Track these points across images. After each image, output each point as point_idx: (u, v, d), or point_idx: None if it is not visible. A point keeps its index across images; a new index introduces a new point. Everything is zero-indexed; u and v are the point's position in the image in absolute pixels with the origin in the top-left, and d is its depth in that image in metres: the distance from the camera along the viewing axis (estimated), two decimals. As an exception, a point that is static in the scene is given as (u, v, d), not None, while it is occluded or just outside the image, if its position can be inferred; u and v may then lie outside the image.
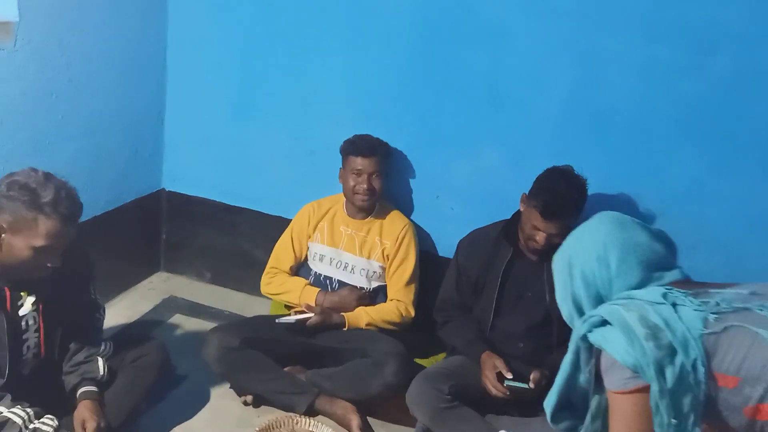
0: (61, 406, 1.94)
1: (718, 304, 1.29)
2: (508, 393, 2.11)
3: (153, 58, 2.88)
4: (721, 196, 2.35)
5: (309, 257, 2.62)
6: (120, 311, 2.87)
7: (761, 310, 1.27)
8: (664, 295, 1.31)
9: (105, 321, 2.18)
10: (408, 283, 2.53)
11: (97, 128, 2.65)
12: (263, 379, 2.33)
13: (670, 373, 1.23)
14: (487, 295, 2.31)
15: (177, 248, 3.22)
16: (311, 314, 2.41)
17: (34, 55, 2.27)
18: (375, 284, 2.57)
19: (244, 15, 2.77)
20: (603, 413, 1.46)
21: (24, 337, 1.87)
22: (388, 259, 2.54)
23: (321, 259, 2.58)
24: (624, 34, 2.31)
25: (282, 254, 2.63)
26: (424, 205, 2.75)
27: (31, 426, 1.75)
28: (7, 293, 1.81)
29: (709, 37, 2.22)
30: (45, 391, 1.96)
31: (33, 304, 1.85)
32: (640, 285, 1.38)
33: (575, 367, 1.44)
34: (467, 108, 2.57)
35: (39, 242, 1.70)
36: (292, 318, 2.42)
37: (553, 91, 2.45)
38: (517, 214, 2.31)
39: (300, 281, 2.57)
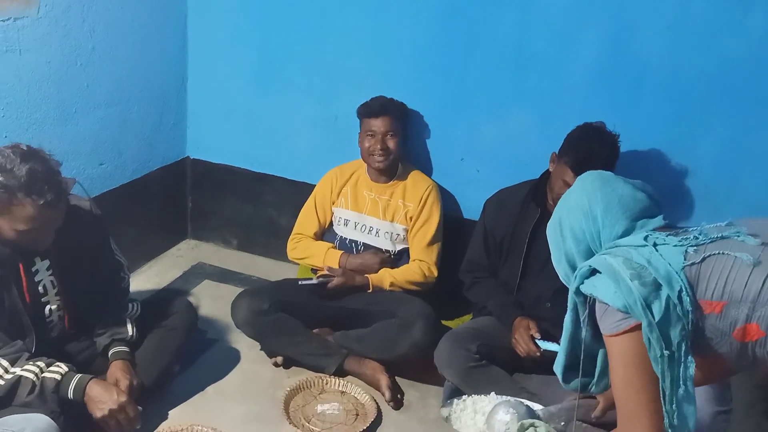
0: (98, 366, 2.00)
1: (696, 237, 1.35)
2: (539, 354, 2.11)
3: (174, 26, 2.87)
4: (754, 156, 2.29)
5: (333, 222, 2.63)
6: (149, 278, 2.91)
7: (738, 236, 1.33)
8: (646, 238, 1.36)
9: (135, 287, 2.21)
10: (430, 243, 2.52)
11: (122, 97, 2.66)
12: (293, 342, 2.36)
13: (657, 308, 1.28)
14: (514, 257, 2.30)
15: (203, 216, 3.24)
16: (334, 276, 2.43)
17: (58, 23, 2.27)
18: (400, 247, 2.58)
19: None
20: None
21: (44, 299, 1.90)
22: (411, 221, 2.54)
23: (345, 224, 2.59)
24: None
25: (306, 220, 2.64)
26: (449, 167, 2.73)
27: (41, 377, 1.77)
28: (20, 265, 1.83)
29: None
30: (78, 353, 2.02)
31: (48, 269, 1.88)
32: (626, 234, 1.43)
33: (576, 324, 1.48)
34: (493, 69, 2.53)
35: (21, 226, 1.69)
36: (314, 280, 2.45)
37: (582, 50, 2.39)
38: (546, 175, 2.28)
39: (324, 245, 2.58)
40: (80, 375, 1.83)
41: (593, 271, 1.40)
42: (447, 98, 2.64)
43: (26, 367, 1.77)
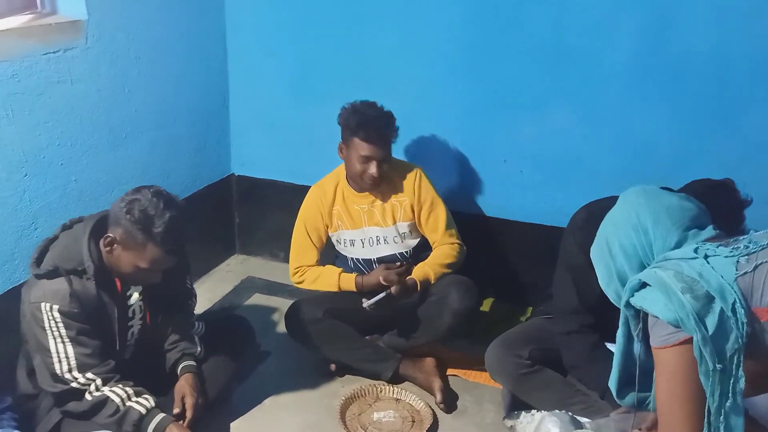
0: (159, 386, 2.04)
1: (747, 246, 1.33)
2: None
3: (213, 46, 2.94)
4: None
5: (337, 244, 2.52)
6: (202, 294, 2.96)
7: None
8: (696, 250, 1.35)
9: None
10: (447, 225, 2.44)
11: (168, 119, 2.74)
12: (348, 348, 2.38)
13: (710, 321, 1.26)
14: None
15: (250, 231, 3.30)
16: (389, 287, 2.33)
17: (105, 51, 2.35)
18: (412, 242, 2.48)
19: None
20: None
21: (129, 324, 1.98)
22: (414, 212, 2.45)
23: (352, 244, 2.48)
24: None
25: (302, 252, 2.50)
26: (492, 169, 2.72)
27: (128, 404, 1.85)
28: (118, 284, 1.92)
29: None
30: (144, 373, 2.07)
31: (140, 294, 1.96)
32: (678, 245, 1.42)
33: (628, 339, 1.47)
34: (530, 66, 2.51)
35: (143, 264, 1.81)
36: (380, 295, 2.31)
37: (621, 39, 2.36)
38: None
39: (334, 270, 2.46)
40: (163, 415, 1.89)
41: (643, 285, 1.38)
42: (484, 99, 2.63)
43: (115, 389, 1.85)
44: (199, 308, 2.73)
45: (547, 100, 2.53)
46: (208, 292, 3.01)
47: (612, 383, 1.55)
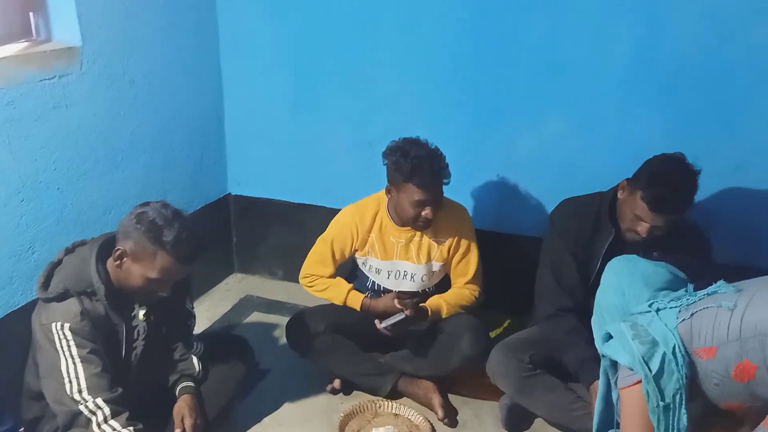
0: (159, 407, 2.05)
1: (688, 298, 1.57)
2: None
3: (208, 67, 2.97)
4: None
5: (362, 265, 2.48)
6: (201, 314, 2.97)
7: (724, 290, 1.54)
8: (651, 305, 1.58)
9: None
10: (475, 271, 2.43)
11: (164, 140, 2.76)
12: (348, 362, 2.38)
13: (654, 363, 1.48)
14: (583, 278, 2.15)
15: (248, 249, 3.32)
16: (403, 311, 2.28)
17: (100, 76, 2.38)
18: (437, 279, 2.46)
19: (293, 14, 2.81)
20: None
21: (134, 345, 1.99)
22: (449, 254, 2.40)
23: (378, 272, 2.45)
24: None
25: (320, 264, 2.47)
26: (487, 182, 2.74)
27: None
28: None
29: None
30: (145, 394, 2.07)
31: (144, 315, 1.96)
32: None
33: (607, 386, 1.69)
34: (526, 79, 2.53)
35: (153, 275, 1.82)
36: (399, 316, 2.28)
37: (614, 51, 2.39)
38: (614, 192, 2.13)
39: (344, 285, 2.44)
40: None
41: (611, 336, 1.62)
42: (481, 112, 2.65)
43: (122, 429, 1.81)
44: (198, 328, 2.73)
45: (542, 112, 2.55)
46: (207, 311, 3.02)
47: (594, 426, 1.75)
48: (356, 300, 2.41)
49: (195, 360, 2.12)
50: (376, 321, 2.32)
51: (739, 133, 2.32)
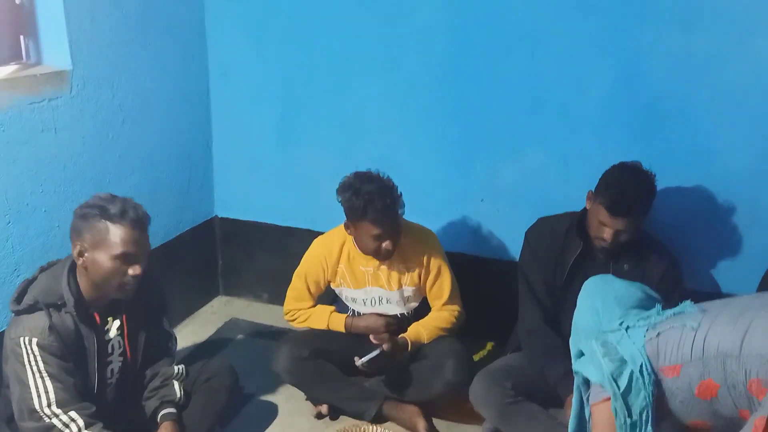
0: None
1: (655, 317, 1.60)
2: None
3: (197, 91, 3.00)
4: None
5: (339, 294, 2.51)
6: (184, 337, 2.97)
7: (690, 309, 1.57)
8: (621, 323, 1.61)
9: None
10: (451, 292, 2.44)
11: (152, 163, 2.78)
12: (333, 387, 2.39)
13: (622, 380, 1.52)
14: (552, 291, 2.25)
15: (233, 272, 3.32)
16: (380, 345, 2.30)
17: (89, 100, 2.41)
18: (415, 304, 2.48)
19: (281, 46, 2.86)
20: None
21: (109, 359, 1.97)
22: (420, 279, 2.42)
23: (354, 301, 2.48)
24: (659, 25, 2.32)
25: (299, 298, 2.51)
26: (470, 208, 2.78)
27: None
28: (97, 317, 1.93)
29: (744, 23, 2.21)
30: (125, 417, 2.06)
31: (118, 329, 1.96)
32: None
33: (580, 404, 1.70)
34: (507, 112, 2.60)
35: (116, 250, 1.83)
36: (373, 353, 2.28)
37: (593, 86, 2.46)
38: (585, 208, 2.25)
39: (326, 309, 2.48)
40: None
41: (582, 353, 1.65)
42: (465, 141, 2.70)
43: None
44: (182, 350, 2.75)
45: (523, 144, 2.61)
46: (192, 334, 3.01)
47: None
48: (339, 322, 2.44)
49: (177, 386, 2.10)
50: (355, 358, 2.31)
51: (713, 165, 2.38)
